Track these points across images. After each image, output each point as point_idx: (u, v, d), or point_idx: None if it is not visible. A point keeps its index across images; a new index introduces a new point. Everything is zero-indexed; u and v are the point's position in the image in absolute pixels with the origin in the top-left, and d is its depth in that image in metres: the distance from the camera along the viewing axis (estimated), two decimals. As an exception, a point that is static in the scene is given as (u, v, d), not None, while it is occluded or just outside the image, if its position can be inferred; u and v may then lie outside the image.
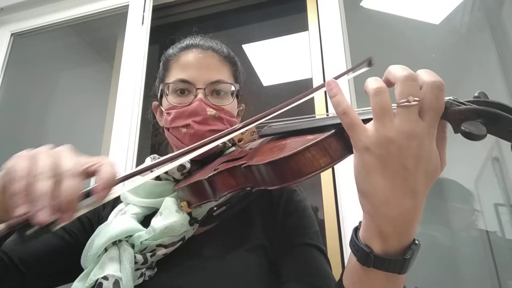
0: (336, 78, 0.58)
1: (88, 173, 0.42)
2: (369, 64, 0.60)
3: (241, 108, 0.82)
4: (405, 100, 0.37)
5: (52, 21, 1.98)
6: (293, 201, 0.72)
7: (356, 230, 0.45)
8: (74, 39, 2.17)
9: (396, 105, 0.38)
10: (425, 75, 0.38)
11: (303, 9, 1.63)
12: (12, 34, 2.05)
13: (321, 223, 1.24)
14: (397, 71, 0.39)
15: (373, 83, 0.39)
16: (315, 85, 1.47)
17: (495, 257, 1.24)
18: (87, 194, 0.41)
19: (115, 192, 0.43)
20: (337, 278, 0.62)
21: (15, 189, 0.39)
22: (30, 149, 0.43)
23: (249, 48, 2.49)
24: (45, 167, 0.40)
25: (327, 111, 1.40)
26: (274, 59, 2.63)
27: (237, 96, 0.77)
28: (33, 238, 0.39)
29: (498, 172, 1.34)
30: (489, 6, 1.58)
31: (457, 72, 1.62)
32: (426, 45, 1.65)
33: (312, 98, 1.42)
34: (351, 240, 0.45)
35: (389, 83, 0.39)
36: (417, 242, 0.42)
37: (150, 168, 0.48)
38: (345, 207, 1.21)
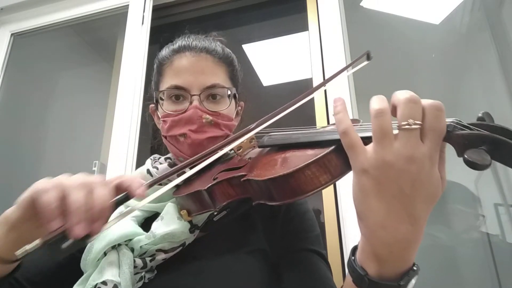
0: (336, 74, 0.57)
1: (114, 186, 0.44)
2: (368, 57, 0.58)
3: (240, 107, 0.81)
4: (406, 123, 0.36)
5: (52, 21, 1.98)
6: (293, 205, 0.71)
7: (354, 250, 0.44)
8: (74, 39, 2.17)
9: (397, 126, 0.37)
10: (424, 100, 0.38)
11: (303, 9, 1.63)
12: (12, 34, 2.05)
13: (321, 225, 1.24)
14: (399, 94, 0.38)
15: (376, 103, 0.38)
16: (315, 85, 1.47)
17: (496, 258, 1.23)
18: (118, 203, 0.42)
19: (141, 202, 0.45)
20: (336, 281, 0.62)
21: (48, 199, 0.38)
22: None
23: (249, 48, 2.50)
24: (75, 182, 0.40)
25: (327, 111, 1.40)
26: (274, 59, 2.63)
27: (234, 97, 0.75)
28: (68, 251, 0.37)
29: (498, 172, 1.34)
30: (489, 6, 1.58)
31: (457, 72, 1.62)
32: (426, 45, 1.65)
33: (312, 100, 1.42)
34: (348, 260, 0.44)
35: (394, 108, 0.38)
36: (415, 268, 0.41)
37: (172, 174, 0.51)
38: (345, 209, 1.21)
